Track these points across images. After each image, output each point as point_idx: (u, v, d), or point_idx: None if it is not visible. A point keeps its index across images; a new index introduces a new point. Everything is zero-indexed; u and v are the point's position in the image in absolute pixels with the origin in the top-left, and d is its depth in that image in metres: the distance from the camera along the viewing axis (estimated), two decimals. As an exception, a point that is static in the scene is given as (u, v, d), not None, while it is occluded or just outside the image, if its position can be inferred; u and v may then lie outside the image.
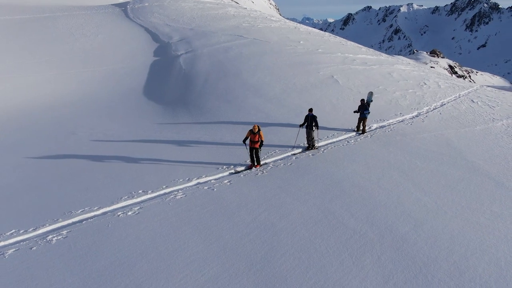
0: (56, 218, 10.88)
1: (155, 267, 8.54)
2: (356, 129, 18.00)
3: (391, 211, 10.68)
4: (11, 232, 10.28)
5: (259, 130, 13.98)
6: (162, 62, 29.84)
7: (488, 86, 37.48)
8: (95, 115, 21.33)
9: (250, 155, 14.27)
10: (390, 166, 13.92)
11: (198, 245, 9.34)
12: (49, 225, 10.57)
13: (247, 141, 14.19)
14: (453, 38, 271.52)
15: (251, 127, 14.25)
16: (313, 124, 15.52)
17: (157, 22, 39.71)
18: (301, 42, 32.44)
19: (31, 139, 18.56)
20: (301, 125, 16.01)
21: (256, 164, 14.23)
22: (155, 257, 8.91)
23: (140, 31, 36.81)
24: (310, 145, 15.88)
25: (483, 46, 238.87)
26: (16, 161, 15.86)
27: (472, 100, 23.89)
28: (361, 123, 17.78)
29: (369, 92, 19.03)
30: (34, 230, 10.34)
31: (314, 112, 15.91)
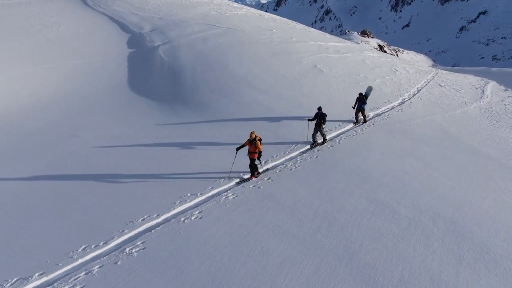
0: (121, 229, 10.70)
1: (252, 270, 8.88)
2: (355, 121, 18.79)
3: (429, 197, 11.80)
4: (83, 248, 10.00)
5: (255, 139, 12.99)
6: (139, 54, 28.75)
7: (432, 66, 40.58)
8: (90, 114, 20.36)
9: (249, 165, 13.42)
10: (404, 153, 15.12)
11: (280, 245, 9.78)
12: (118, 237, 10.38)
13: (241, 148, 13.39)
14: (380, 18, 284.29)
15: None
16: (322, 121, 15.94)
17: (121, 10, 37.72)
18: (274, 30, 32.78)
19: (32, 145, 17.42)
20: (309, 119, 16.41)
21: (251, 175, 13.52)
22: (246, 259, 9.23)
23: (106, 21, 34.83)
24: (318, 142, 16.20)
25: (407, 26, 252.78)
26: (29, 171, 14.92)
27: (440, 85, 26.01)
28: (360, 114, 18.61)
29: (368, 87, 20.06)
30: (105, 244, 10.13)
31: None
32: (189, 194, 12.43)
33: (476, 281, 8.43)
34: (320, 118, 15.93)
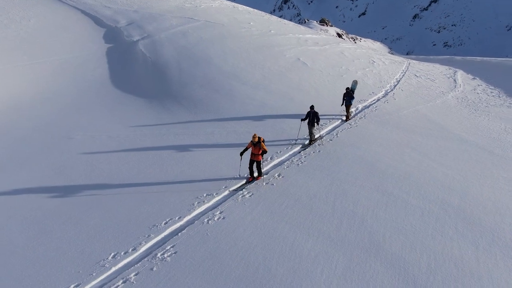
0: (146, 234, 10.54)
1: (289, 267, 9.10)
2: (346, 116, 18.71)
3: (434, 186, 12.46)
4: (112, 255, 9.80)
5: (259, 141, 12.66)
6: (118, 49, 27.80)
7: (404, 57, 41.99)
8: (79, 114, 19.58)
9: (249, 167, 13.11)
10: (400, 144, 15.77)
11: (308, 241, 10.04)
12: (145, 242, 10.24)
13: (245, 153, 13.04)
14: (337, 7, 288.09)
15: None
16: (315, 120, 15.73)
17: (92, 3, 36.06)
18: (251, 23, 32.68)
19: (26, 151, 16.59)
20: (302, 119, 16.13)
21: (258, 176, 13.30)
22: (281, 258, 9.43)
23: (77, 15, 33.24)
24: (311, 140, 16.14)
25: (363, 14, 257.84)
26: (33, 180, 14.26)
27: (415, 75, 27.09)
28: (347, 110, 18.62)
29: (353, 81, 20.51)
30: (135, 250, 9.97)
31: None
32: (205, 195, 12.40)
33: (495, 264, 9.10)
34: (312, 117, 15.76)
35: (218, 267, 9.23)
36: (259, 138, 12.74)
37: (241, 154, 13.11)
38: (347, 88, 18.72)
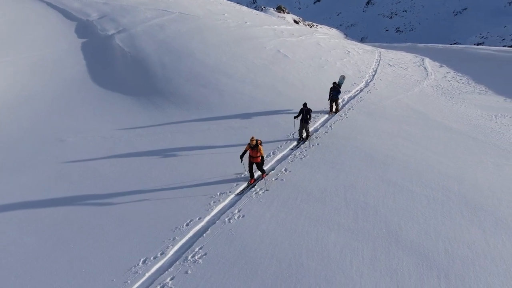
0: (171, 237, 10.47)
1: (319, 261, 9.42)
2: (329, 111, 18.69)
3: (433, 174, 13.18)
4: (142, 261, 9.70)
5: (257, 144, 12.51)
6: (93, 44, 26.64)
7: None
8: (66, 114, 18.73)
9: (249, 170, 13.00)
10: (392, 134, 16.42)
11: (330, 234, 10.36)
12: (172, 246, 10.19)
13: (245, 156, 12.88)
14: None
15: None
16: (308, 117, 15.70)
17: (58, -5, 34.18)
18: (226, 15, 32.37)
19: (18, 155, 15.74)
20: (295, 117, 16.02)
21: (262, 173, 13.22)
22: (309, 252, 9.71)
23: (44, 8, 31.34)
24: (304, 137, 16.05)
25: (318, 1, 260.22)
26: (35, 187, 13.61)
27: (389, 64, 28.09)
28: (334, 104, 18.66)
29: (341, 76, 20.83)
30: (163, 254, 9.91)
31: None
32: (218, 193, 12.43)
33: (503, 246, 9.89)
34: (305, 114, 15.69)
35: (251, 265, 9.40)
36: (256, 141, 12.59)
37: (241, 157, 12.83)
38: (334, 83, 18.79)
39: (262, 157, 12.80)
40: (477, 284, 8.61)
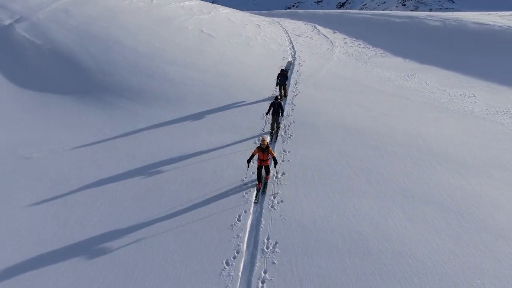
0: (234, 234, 10.43)
1: (373, 228, 10.66)
2: (279, 97, 18.19)
3: (397, 134, 15.34)
4: (225, 262, 9.61)
5: (267, 146, 12.00)
6: (-18, 38, 21.77)
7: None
8: (12, 125, 15.63)
9: (257, 174, 12.42)
10: (346, 103, 18.22)
11: (363, 202, 11.45)
12: (241, 242, 10.18)
13: (251, 160, 12.28)
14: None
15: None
16: (280, 111, 15.49)
17: None
18: (128, -7, 29.56)
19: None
20: (267, 113, 15.64)
21: (266, 175, 12.78)
22: (358, 222, 10.67)
23: None
24: (275, 131, 15.79)
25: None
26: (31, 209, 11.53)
27: (296, 35, 30.07)
28: (282, 89, 18.51)
29: (288, 61, 21.55)
30: (239, 252, 9.81)
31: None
32: (243, 184, 12.69)
33: (496, 187, 12.60)
34: (277, 107, 15.33)
35: (322, 244, 10.02)
36: (267, 143, 12.15)
37: (248, 161, 12.32)
38: (282, 69, 18.32)
39: (275, 159, 12.38)
40: (485, 218, 11.04)
